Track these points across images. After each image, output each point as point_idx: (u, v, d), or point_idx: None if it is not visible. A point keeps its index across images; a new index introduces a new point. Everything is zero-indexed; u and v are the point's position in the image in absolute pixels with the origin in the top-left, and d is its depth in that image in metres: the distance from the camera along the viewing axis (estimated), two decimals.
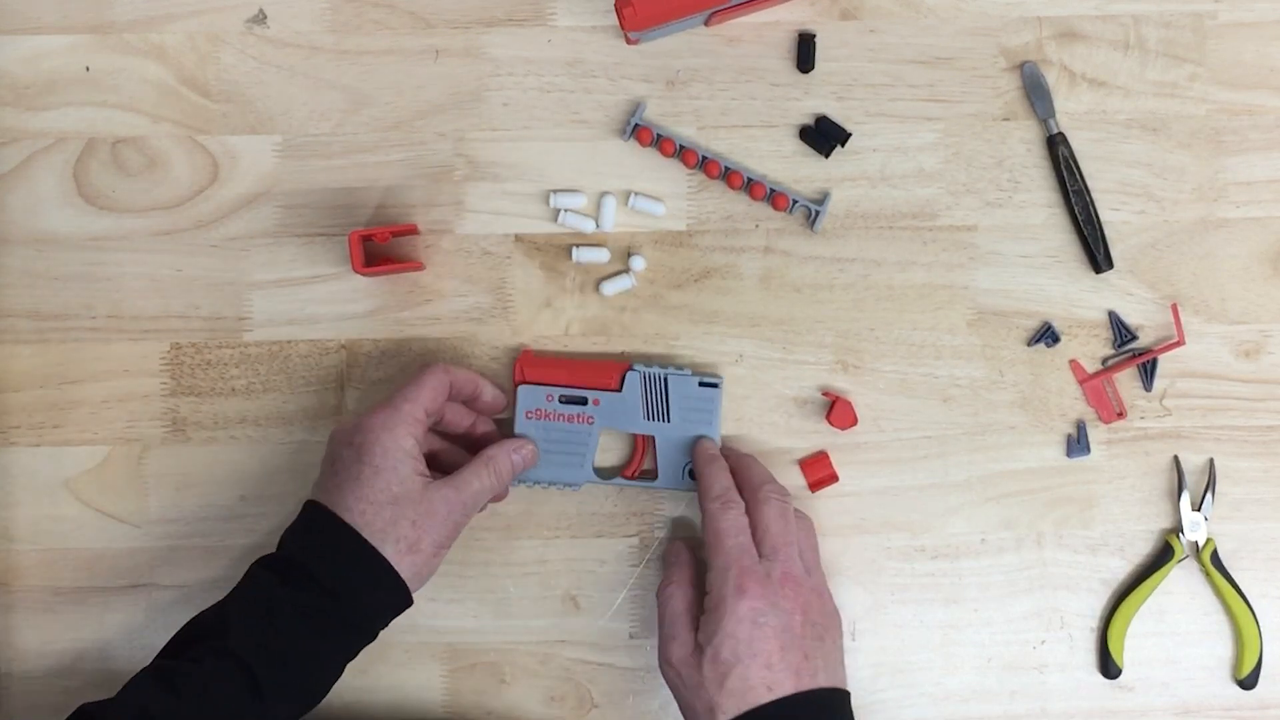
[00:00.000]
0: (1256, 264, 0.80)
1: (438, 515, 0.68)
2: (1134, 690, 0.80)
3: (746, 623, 0.67)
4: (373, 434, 0.68)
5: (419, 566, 0.68)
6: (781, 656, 0.66)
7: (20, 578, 0.79)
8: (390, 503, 0.67)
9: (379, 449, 0.67)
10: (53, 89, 0.80)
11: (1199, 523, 0.79)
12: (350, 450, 0.68)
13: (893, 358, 0.80)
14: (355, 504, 0.67)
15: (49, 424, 0.79)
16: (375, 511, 0.67)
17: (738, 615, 0.67)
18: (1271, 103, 0.81)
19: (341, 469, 0.68)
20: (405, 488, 0.67)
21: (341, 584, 0.66)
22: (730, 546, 0.69)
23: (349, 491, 0.67)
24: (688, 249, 0.80)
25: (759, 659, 0.66)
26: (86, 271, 0.79)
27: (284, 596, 0.66)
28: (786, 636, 0.67)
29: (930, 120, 0.80)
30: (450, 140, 0.80)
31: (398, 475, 0.67)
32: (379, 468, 0.67)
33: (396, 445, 0.68)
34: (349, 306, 0.80)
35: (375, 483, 0.67)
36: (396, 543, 0.67)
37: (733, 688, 0.66)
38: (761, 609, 0.67)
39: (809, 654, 0.67)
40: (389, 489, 0.67)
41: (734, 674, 0.66)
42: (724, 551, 0.69)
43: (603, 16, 0.80)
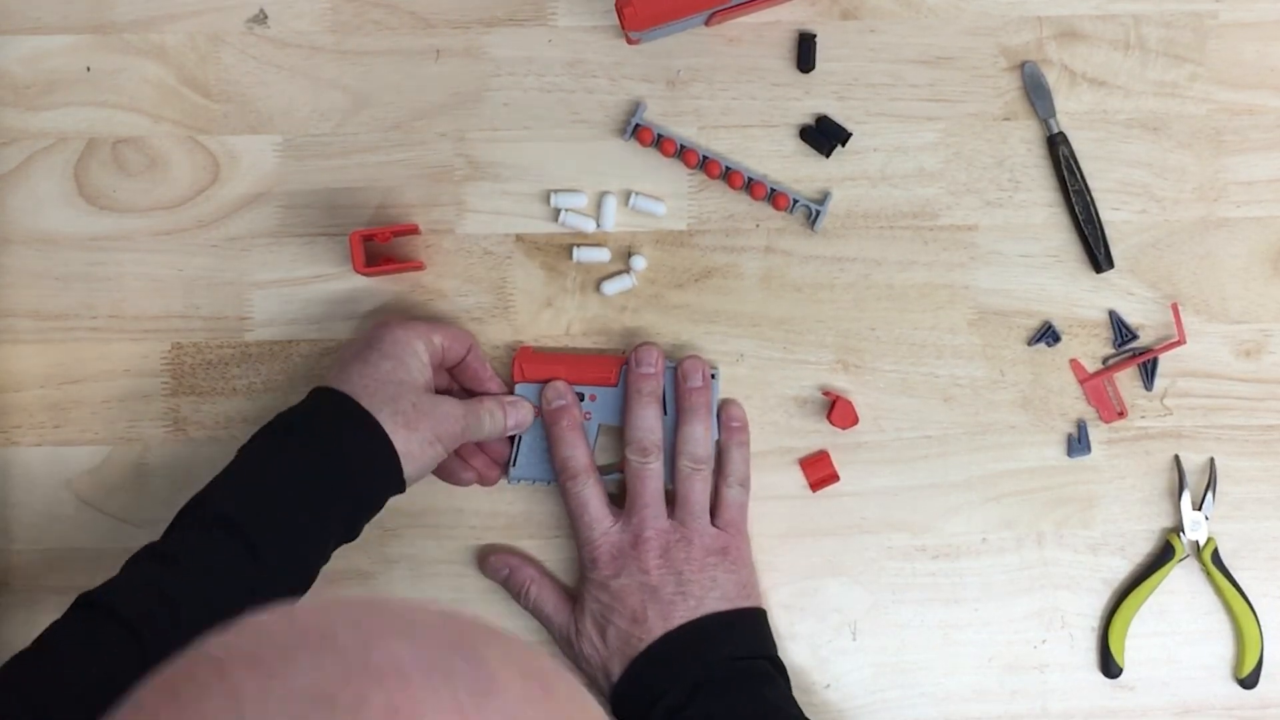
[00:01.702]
0: (1257, 264, 0.80)
1: (439, 409, 0.69)
2: (1135, 690, 0.80)
3: (598, 588, 0.73)
4: (386, 327, 0.70)
5: (413, 447, 0.68)
6: (645, 606, 0.71)
7: (20, 578, 0.79)
8: (394, 382, 0.68)
9: (389, 338, 0.69)
10: (53, 89, 0.80)
11: (1200, 522, 0.79)
12: (360, 339, 0.71)
13: (893, 357, 0.80)
14: (358, 379, 0.68)
15: (50, 424, 0.79)
16: (377, 386, 0.67)
17: (590, 589, 0.74)
18: (1272, 103, 0.81)
19: (349, 355, 0.70)
20: (410, 377, 0.69)
21: (333, 443, 0.66)
22: (577, 528, 0.75)
23: (354, 370, 0.68)
24: (688, 249, 0.80)
25: (624, 615, 0.72)
26: (87, 271, 0.79)
27: (275, 457, 0.67)
28: (645, 589, 0.72)
29: (931, 120, 0.80)
30: (450, 140, 0.80)
31: (404, 365, 0.69)
32: (386, 353, 0.69)
33: (408, 341, 0.70)
34: (350, 307, 0.80)
35: (381, 364, 0.68)
36: (394, 415, 0.67)
37: (613, 648, 0.72)
38: (611, 575, 0.72)
39: (683, 592, 0.72)
40: (394, 373, 0.68)
41: (608, 637, 0.72)
42: (576, 533, 0.75)
43: (603, 16, 0.80)
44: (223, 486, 0.67)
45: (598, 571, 0.73)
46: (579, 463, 0.74)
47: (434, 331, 0.72)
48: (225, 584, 0.63)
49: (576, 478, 0.74)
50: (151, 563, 0.64)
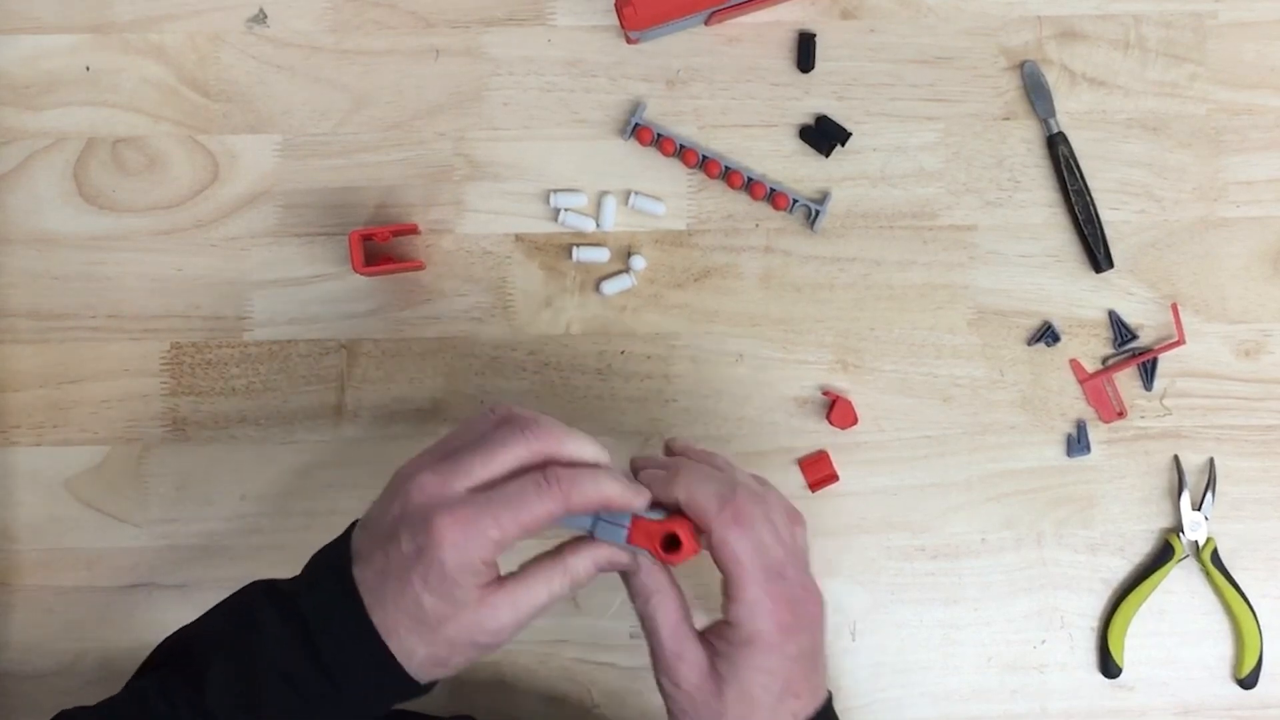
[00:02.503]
0: (1256, 264, 0.80)
1: (483, 636, 0.57)
2: (1134, 690, 0.80)
3: (778, 656, 0.60)
4: (440, 549, 0.55)
5: (440, 674, 0.59)
6: (805, 681, 0.61)
7: (20, 578, 0.79)
8: (431, 625, 0.56)
9: (438, 569, 0.55)
10: (53, 89, 0.80)
11: (1199, 522, 0.79)
12: (410, 545, 0.56)
13: (893, 357, 0.80)
14: (394, 611, 0.56)
15: (49, 424, 0.79)
16: (410, 627, 0.56)
17: (772, 651, 0.60)
18: (1271, 102, 0.81)
19: (395, 557, 0.56)
20: (455, 609, 0.56)
21: (347, 678, 0.57)
22: (752, 572, 0.60)
23: (391, 594, 0.57)
24: (688, 248, 0.80)
25: (789, 690, 0.60)
26: (87, 271, 0.79)
27: (280, 660, 0.57)
28: (809, 658, 0.62)
29: (930, 120, 0.80)
30: (450, 140, 0.80)
31: (450, 598, 0.56)
32: (431, 587, 0.56)
33: (461, 569, 0.56)
34: (349, 306, 0.80)
35: (423, 599, 0.56)
36: (423, 659, 0.57)
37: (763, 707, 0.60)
38: (791, 639, 0.60)
39: (821, 665, 0.63)
40: (436, 611, 0.56)
41: (762, 707, 0.60)
42: (747, 579, 0.59)
43: (603, 16, 0.80)
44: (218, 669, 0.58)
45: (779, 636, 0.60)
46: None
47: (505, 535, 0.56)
48: None
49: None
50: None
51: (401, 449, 0.79)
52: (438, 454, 0.59)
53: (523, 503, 0.56)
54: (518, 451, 0.58)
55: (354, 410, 0.79)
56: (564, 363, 0.80)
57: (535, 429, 0.58)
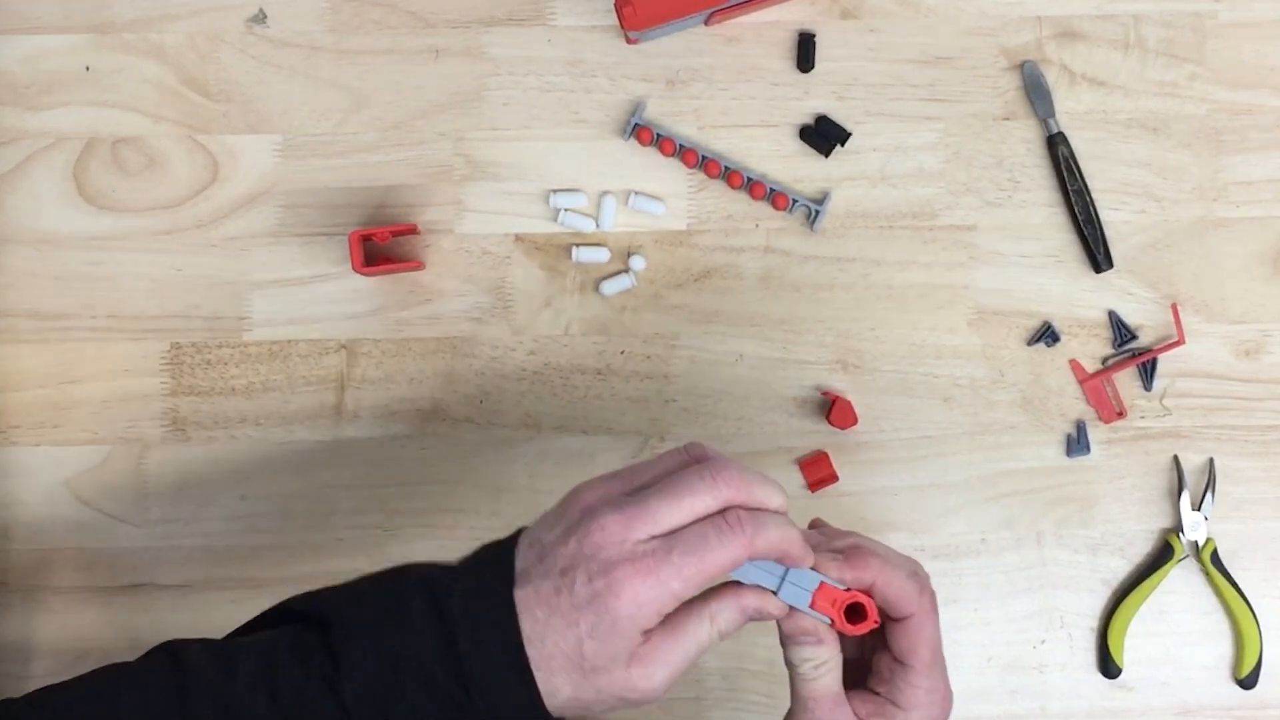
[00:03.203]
0: (1256, 264, 0.80)
1: (632, 694, 0.55)
2: (1134, 690, 0.80)
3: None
4: (619, 601, 0.53)
5: (581, 714, 0.57)
6: None
7: (20, 578, 0.79)
8: (585, 670, 0.54)
9: (610, 620, 0.53)
10: (53, 89, 0.80)
11: (1199, 522, 0.79)
12: (586, 588, 0.54)
13: (893, 357, 0.80)
14: (551, 646, 0.54)
15: (49, 424, 0.79)
16: (563, 666, 0.54)
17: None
18: (1271, 102, 0.81)
19: (565, 594, 0.54)
20: (613, 661, 0.54)
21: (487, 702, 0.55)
22: (939, 662, 0.60)
23: (553, 629, 0.54)
24: (688, 249, 0.80)
25: None
26: (86, 271, 0.79)
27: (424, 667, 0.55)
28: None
29: (930, 120, 0.80)
30: (450, 140, 0.80)
31: (612, 649, 0.54)
32: (598, 635, 0.54)
33: (633, 621, 0.54)
34: (349, 306, 0.80)
35: (585, 645, 0.54)
36: (567, 701, 0.55)
37: None
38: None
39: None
40: (594, 659, 0.54)
41: None
42: (934, 667, 0.60)
43: (603, 16, 0.80)
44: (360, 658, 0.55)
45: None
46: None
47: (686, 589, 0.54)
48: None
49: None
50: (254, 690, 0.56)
51: (401, 449, 0.79)
52: (621, 486, 0.57)
53: (706, 549, 0.54)
54: (706, 500, 0.56)
55: (354, 410, 0.79)
56: (564, 363, 0.80)
57: (726, 475, 0.56)
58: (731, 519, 0.55)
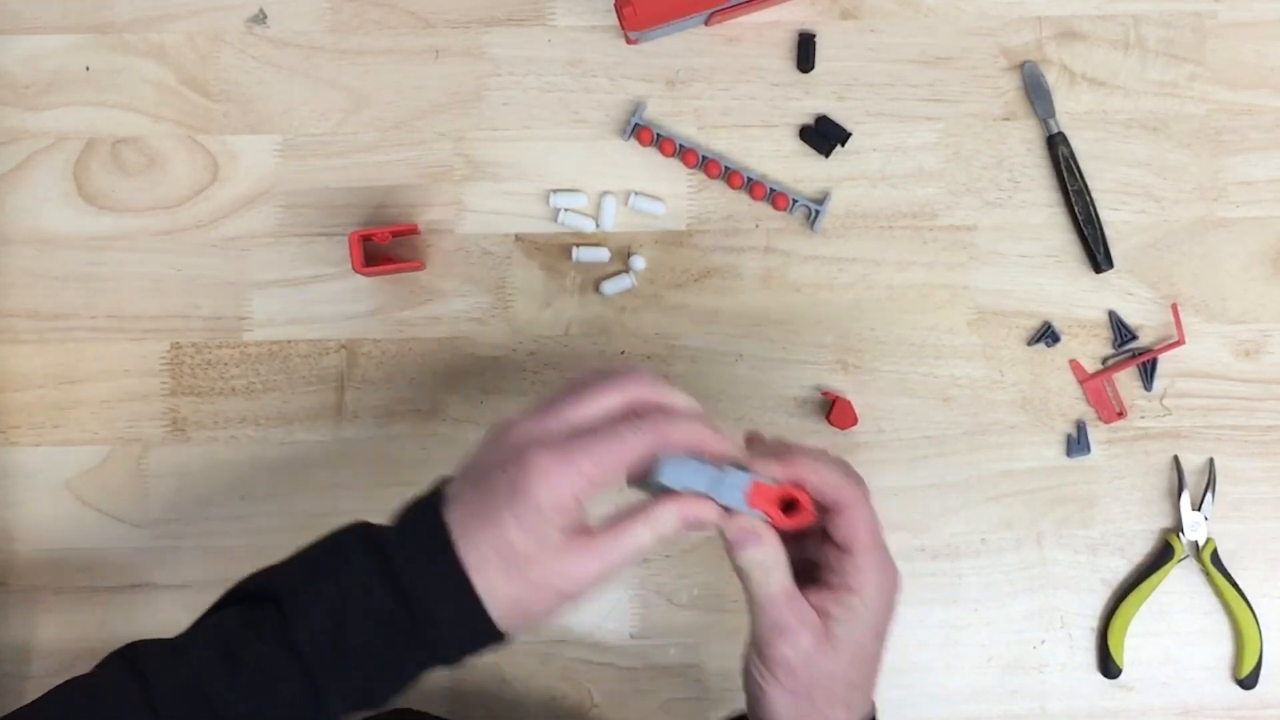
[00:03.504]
0: (1256, 264, 0.80)
1: (567, 584, 0.58)
2: (1134, 690, 0.80)
3: (886, 616, 0.62)
4: (533, 482, 0.56)
5: (522, 623, 0.60)
6: (877, 666, 0.64)
7: (20, 578, 0.79)
8: (517, 563, 0.57)
9: (530, 503, 0.56)
10: (53, 89, 0.80)
11: (1199, 522, 0.79)
12: (504, 480, 0.57)
13: (893, 358, 0.80)
14: (482, 546, 0.57)
15: (49, 424, 0.79)
16: (497, 565, 0.57)
17: (883, 612, 0.62)
18: (1271, 103, 0.81)
19: (488, 493, 0.58)
20: (542, 550, 0.57)
21: (430, 616, 0.58)
22: (878, 540, 0.62)
23: (480, 530, 0.57)
24: (688, 249, 0.80)
25: (879, 662, 0.63)
26: (86, 271, 0.79)
27: (365, 596, 0.58)
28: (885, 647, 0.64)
29: (930, 120, 0.80)
30: (450, 140, 0.80)
31: (538, 536, 0.57)
32: (522, 523, 0.57)
33: (553, 505, 0.56)
34: (349, 306, 0.80)
35: (512, 536, 0.57)
36: (507, 600, 0.58)
37: (860, 686, 0.63)
38: (890, 614, 0.63)
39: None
40: (524, 549, 0.57)
41: (871, 666, 0.63)
42: (874, 550, 0.62)
43: (603, 16, 0.80)
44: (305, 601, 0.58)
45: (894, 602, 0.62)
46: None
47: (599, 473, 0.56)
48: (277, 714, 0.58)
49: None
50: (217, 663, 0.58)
51: (401, 449, 0.79)
52: (535, 405, 0.60)
53: (617, 438, 0.57)
54: (613, 397, 0.59)
55: (354, 410, 0.79)
56: (564, 363, 0.80)
57: (635, 377, 0.60)
58: (645, 415, 0.58)
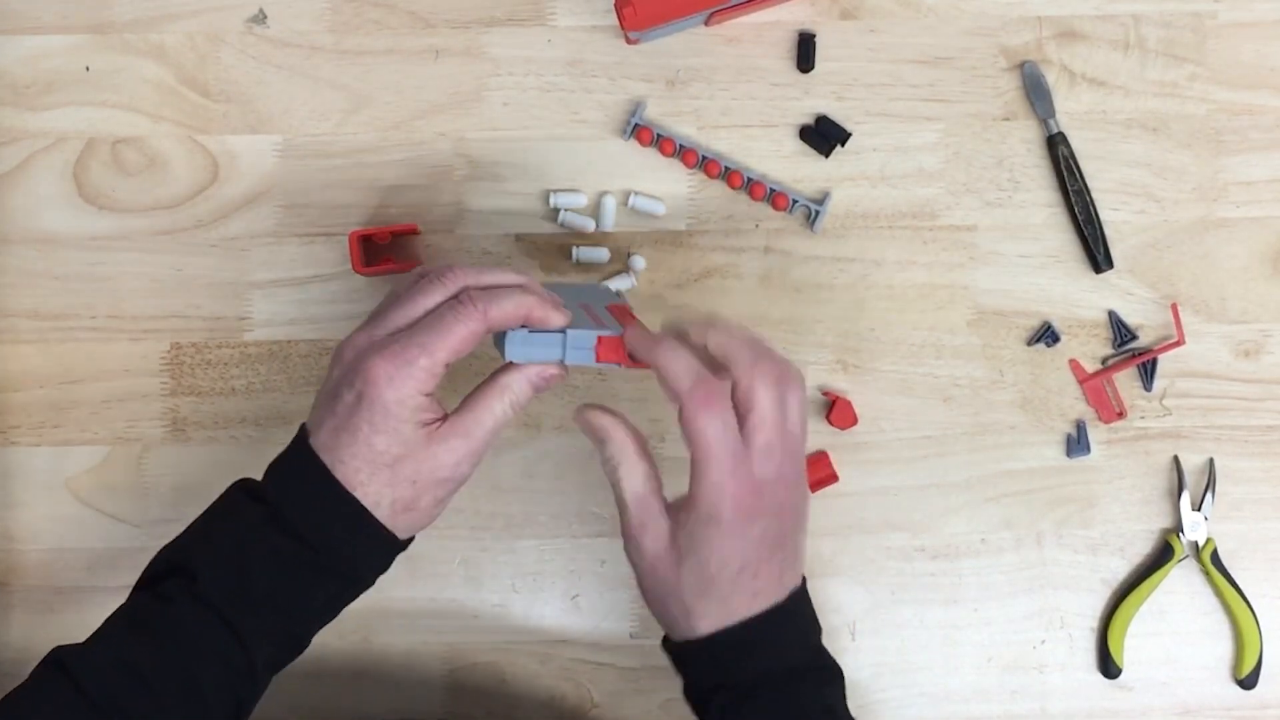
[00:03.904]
0: (1256, 264, 0.80)
1: (442, 470, 0.61)
2: (1134, 690, 0.80)
3: (738, 537, 0.60)
4: (376, 387, 0.59)
5: (415, 521, 0.62)
6: (768, 563, 0.61)
7: (20, 578, 0.79)
8: (388, 465, 0.60)
9: (380, 407, 0.59)
10: (53, 89, 0.80)
11: (1199, 522, 0.79)
12: (350, 394, 0.60)
13: (893, 358, 0.80)
14: (350, 460, 0.60)
15: (49, 424, 0.79)
16: (370, 472, 0.60)
17: (729, 530, 0.60)
18: (1271, 103, 0.81)
19: (341, 411, 0.61)
20: (407, 447, 0.60)
21: (324, 539, 0.61)
22: (718, 454, 0.59)
23: (345, 445, 0.60)
24: (688, 249, 0.80)
25: (747, 570, 0.60)
26: (86, 271, 0.79)
27: (260, 540, 0.60)
28: (774, 541, 0.61)
29: (930, 120, 0.80)
30: (450, 140, 0.80)
31: (399, 436, 0.60)
32: (378, 427, 0.60)
33: (401, 403, 0.59)
34: (349, 306, 0.80)
35: (374, 441, 0.60)
36: (392, 504, 0.61)
37: (717, 595, 0.61)
38: (753, 519, 0.60)
39: (793, 551, 0.63)
40: (389, 450, 0.60)
41: (719, 584, 0.60)
42: (712, 460, 0.59)
43: (603, 16, 0.80)
44: (201, 557, 0.61)
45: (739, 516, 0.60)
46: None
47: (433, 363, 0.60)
48: (204, 665, 0.60)
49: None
50: (132, 633, 0.61)
51: None
52: (366, 319, 0.63)
53: (443, 326, 0.60)
54: (436, 294, 0.62)
55: None
56: None
57: (455, 271, 0.62)
58: (464, 297, 0.61)
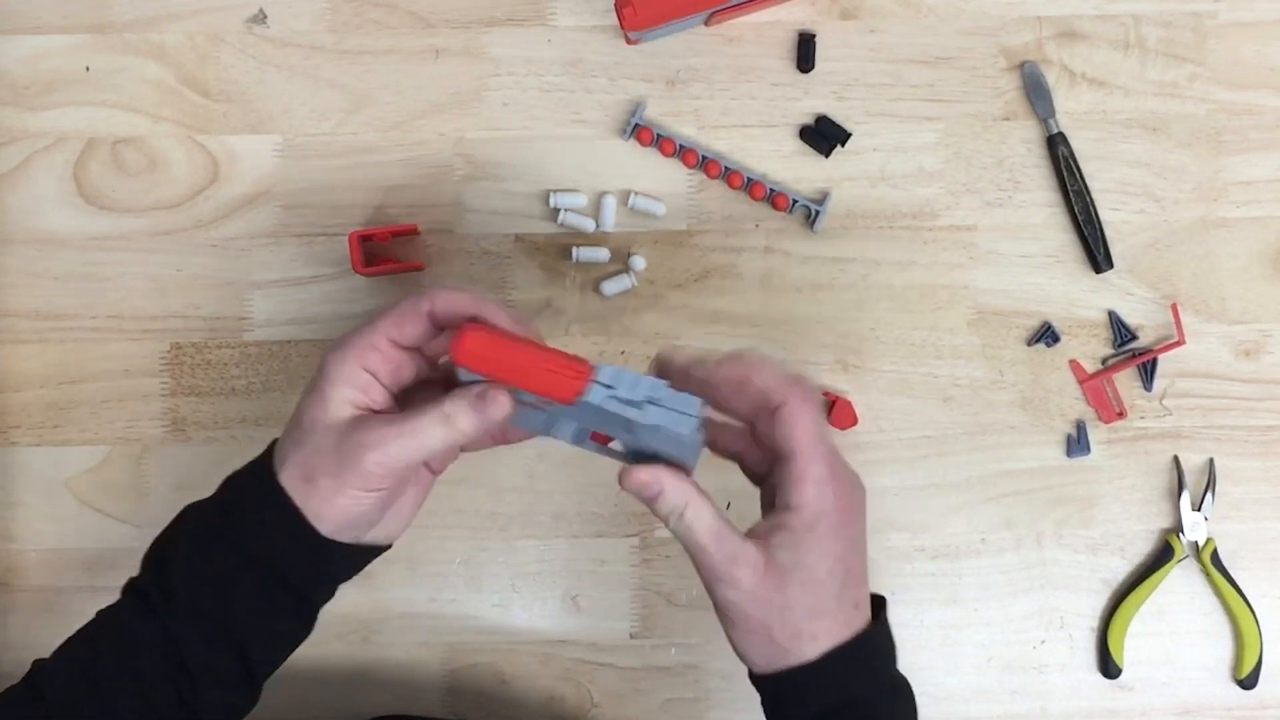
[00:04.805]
0: (1256, 264, 0.80)
1: (353, 449, 0.58)
2: (1134, 690, 0.80)
3: (843, 539, 0.58)
4: (325, 367, 0.60)
5: (329, 509, 0.59)
6: (862, 570, 0.60)
7: (20, 578, 0.79)
8: (325, 460, 0.59)
9: (323, 390, 0.60)
10: (53, 89, 0.80)
11: (1199, 522, 0.79)
12: (305, 393, 0.62)
13: (893, 358, 0.80)
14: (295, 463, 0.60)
15: (49, 424, 0.79)
16: (309, 476, 0.59)
17: (836, 533, 0.58)
18: (1271, 102, 0.81)
19: (295, 414, 0.62)
20: (329, 416, 0.59)
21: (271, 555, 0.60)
22: (823, 453, 0.58)
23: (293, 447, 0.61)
24: (688, 249, 0.80)
25: (852, 575, 0.59)
26: (86, 271, 0.79)
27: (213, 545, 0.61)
28: (863, 547, 0.60)
29: (930, 120, 0.80)
30: (450, 140, 0.80)
31: (325, 402, 0.59)
32: (317, 413, 0.60)
33: (339, 372, 0.59)
34: (349, 306, 0.80)
35: (303, 411, 0.60)
36: (296, 470, 0.60)
37: (828, 610, 0.58)
38: (851, 519, 0.59)
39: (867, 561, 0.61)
40: (311, 414, 0.60)
41: (829, 596, 0.58)
42: (817, 460, 0.58)
43: (603, 16, 0.80)
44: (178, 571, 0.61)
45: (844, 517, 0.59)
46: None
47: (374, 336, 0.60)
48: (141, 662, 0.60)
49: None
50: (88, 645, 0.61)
51: None
52: None
53: (393, 310, 0.60)
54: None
55: None
56: None
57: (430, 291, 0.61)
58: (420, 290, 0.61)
